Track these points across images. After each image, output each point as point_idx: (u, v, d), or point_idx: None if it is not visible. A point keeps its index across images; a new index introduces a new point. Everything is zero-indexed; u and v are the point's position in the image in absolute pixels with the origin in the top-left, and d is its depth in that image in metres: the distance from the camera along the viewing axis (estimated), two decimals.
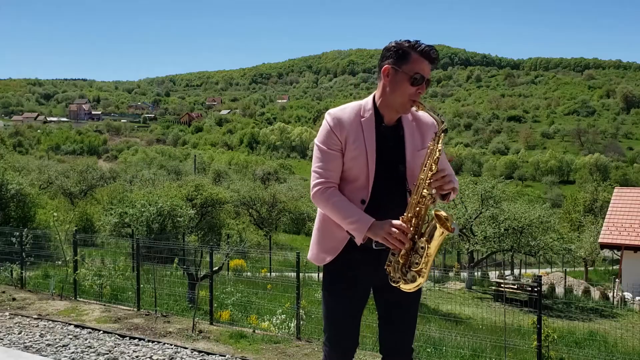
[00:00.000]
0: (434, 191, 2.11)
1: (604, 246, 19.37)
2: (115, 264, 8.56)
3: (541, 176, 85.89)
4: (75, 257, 7.36)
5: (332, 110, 2.27)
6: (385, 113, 2.26)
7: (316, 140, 2.28)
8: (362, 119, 2.23)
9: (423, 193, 2.09)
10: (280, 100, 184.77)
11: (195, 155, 51.11)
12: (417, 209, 2.11)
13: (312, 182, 2.25)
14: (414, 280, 2.12)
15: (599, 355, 7.67)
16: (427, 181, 2.10)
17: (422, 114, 2.31)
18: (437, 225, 2.04)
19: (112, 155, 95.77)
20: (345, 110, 2.26)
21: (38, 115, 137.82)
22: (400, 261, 2.13)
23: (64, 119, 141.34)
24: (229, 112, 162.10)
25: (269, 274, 15.73)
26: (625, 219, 18.81)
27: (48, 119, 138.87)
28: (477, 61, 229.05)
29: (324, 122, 2.27)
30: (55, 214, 11.06)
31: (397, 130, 2.29)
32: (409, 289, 2.14)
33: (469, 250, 18.60)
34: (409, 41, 2.18)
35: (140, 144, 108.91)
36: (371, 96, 2.30)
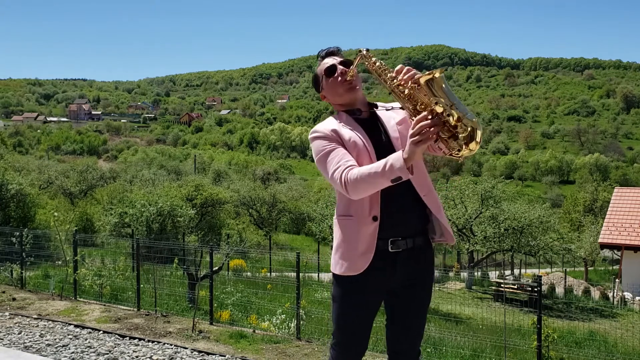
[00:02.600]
0: (409, 84, 2.05)
1: (604, 246, 19.37)
2: (115, 264, 8.57)
3: (541, 176, 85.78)
4: (75, 257, 7.36)
5: (312, 130, 2.33)
6: (352, 109, 2.37)
7: (315, 156, 2.28)
8: (341, 123, 2.32)
9: (401, 90, 2.06)
10: (280, 100, 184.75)
11: (195, 155, 51.18)
12: (409, 101, 2.05)
13: (336, 178, 2.16)
14: (468, 132, 1.93)
15: (599, 355, 7.68)
16: (398, 84, 2.09)
17: (392, 104, 2.42)
18: (422, 85, 1.96)
19: (112, 155, 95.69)
20: (324, 122, 2.36)
21: (38, 115, 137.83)
22: (447, 135, 1.97)
23: (64, 119, 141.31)
24: (229, 112, 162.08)
25: (269, 274, 15.73)
26: (625, 219, 18.81)
27: (48, 119, 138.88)
28: (477, 61, 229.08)
29: (310, 141, 2.31)
30: (55, 214, 11.04)
31: (372, 117, 2.37)
32: (478, 142, 1.94)
33: (469, 250, 18.59)
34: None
35: (140, 144, 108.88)
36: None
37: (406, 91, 2.06)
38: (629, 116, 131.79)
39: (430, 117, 1.96)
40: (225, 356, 4.72)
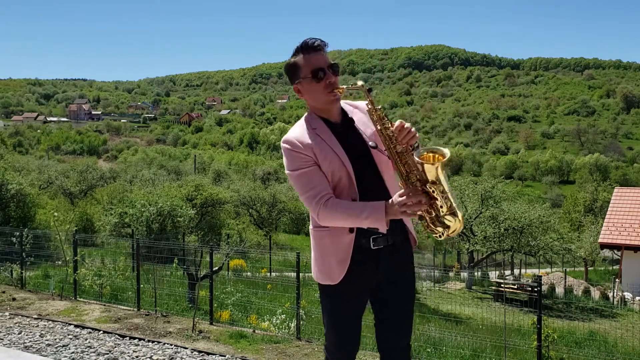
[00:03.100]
0: (405, 145, 2.10)
1: (604, 246, 19.37)
2: (115, 264, 8.56)
3: (541, 176, 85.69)
4: (75, 257, 7.37)
5: (284, 137, 2.28)
6: (327, 115, 2.31)
7: (288, 170, 2.27)
8: (316, 130, 2.28)
9: (398, 150, 2.09)
10: (280, 100, 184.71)
11: (195, 155, 51.08)
12: (404, 165, 2.09)
13: (311, 205, 2.20)
14: (453, 220, 2.07)
15: (599, 355, 7.67)
16: (393, 139, 2.10)
17: (359, 103, 2.40)
18: (426, 165, 2.03)
19: (112, 155, 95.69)
20: (296, 130, 2.30)
21: (38, 115, 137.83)
22: (431, 216, 2.09)
23: (64, 119, 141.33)
24: (229, 112, 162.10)
25: (269, 274, 15.73)
26: (625, 219, 18.81)
27: (48, 119, 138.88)
28: (477, 61, 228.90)
29: (283, 151, 2.27)
30: (55, 214, 11.05)
31: (347, 124, 2.35)
32: (457, 230, 2.09)
33: (469, 250, 18.59)
34: (294, 51, 2.29)
35: (140, 144, 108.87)
36: (309, 111, 2.36)
37: (406, 160, 2.08)
38: (629, 116, 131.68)
39: (420, 194, 2.04)
40: (225, 356, 4.72)
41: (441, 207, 2.05)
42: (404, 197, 2.04)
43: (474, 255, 19.40)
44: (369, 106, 2.16)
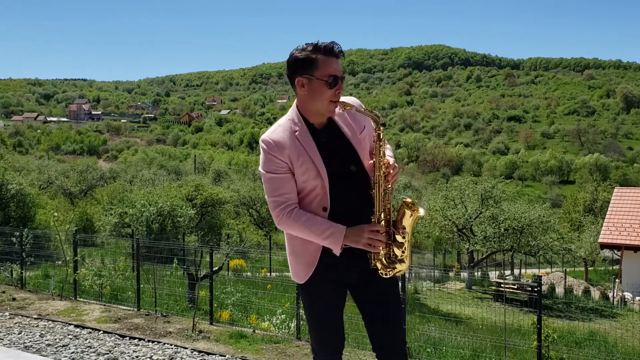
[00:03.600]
0: (390, 185, 2.23)
1: (604, 246, 19.37)
2: (115, 264, 8.57)
3: (541, 176, 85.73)
4: (75, 257, 7.37)
5: (264, 136, 2.27)
6: (313, 119, 2.28)
7: (261, 169, 2.28)
8: (296, 133, 2.25)
9: (383, 189, 2.22)
10: (280, 100, 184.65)
11: (195, 155, 51.09)
12: (383, 204, 2.21)
13: (274, 211, 2.24)
14: (401, 266, 2.25)
15: (599, 355, 7.67)
16: (382, 177, 2.21)
17: (347, 100, 2.36)
18: (406, 211, 2.20)
19: (112, 155, 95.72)
20: (277, 131, 2.27)
21: (38, 115, 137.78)
22: (382, 252, 2.22)
23: (64, 119, 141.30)
24: (229, 112, 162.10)
25: (269, 274, 15.73)
26: (625, 219, 18.81)
27: (48, 119, 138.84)
28: (477, 61, 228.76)
29: (261, 149, 2.28)
30: (55, 214, 11.05)
31: (332, 128, 2.31)
32: (401, 272, 2.27)
33: (469, 250, 18.58)
34: (309, 45, 2.21)
35: (140, 144, 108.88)
36: (294, 108, 2.31)
37: (388, 199, 2.22)
38: (629, 116, 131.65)
39: (384, 235, 2.20)
40: (225, 356, 4.72)
41: (403, 252, 2.22)
42: (376, 234, 2.17)
43: (474, 255, 19.39)
44: (375, 140, 2.22)
